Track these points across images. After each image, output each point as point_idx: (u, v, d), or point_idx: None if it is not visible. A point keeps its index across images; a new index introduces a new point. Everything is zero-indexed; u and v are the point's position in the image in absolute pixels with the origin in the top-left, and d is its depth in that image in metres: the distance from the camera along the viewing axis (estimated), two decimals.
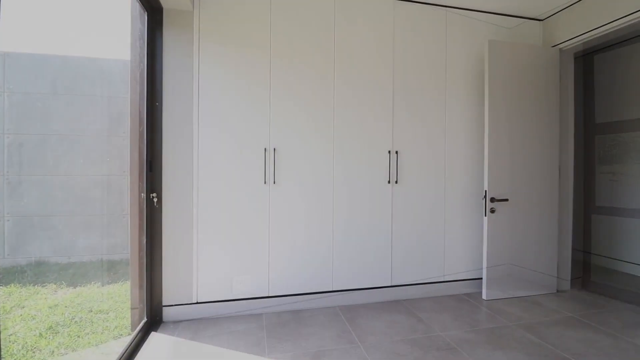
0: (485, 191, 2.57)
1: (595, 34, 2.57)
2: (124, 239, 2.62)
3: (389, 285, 2.62)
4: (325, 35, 2.47)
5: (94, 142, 2.59)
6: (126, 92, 2.36)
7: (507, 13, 2.89)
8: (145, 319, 2.17)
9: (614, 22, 2.43)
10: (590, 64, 3.81)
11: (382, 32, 2.58)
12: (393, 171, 2.59)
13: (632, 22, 2.35)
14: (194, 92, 2.27)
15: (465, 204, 2.78)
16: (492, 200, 2.57)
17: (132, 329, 2.13)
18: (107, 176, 2.61)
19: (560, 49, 2.84)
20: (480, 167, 2.79)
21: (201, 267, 2.29)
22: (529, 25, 2.97)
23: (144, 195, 2.15)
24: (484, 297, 2.61)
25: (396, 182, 2.60)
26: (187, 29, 2.27)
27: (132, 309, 2.20)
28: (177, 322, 2.24)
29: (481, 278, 2.67)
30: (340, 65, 2.49)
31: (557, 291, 2.80)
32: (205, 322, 2.23)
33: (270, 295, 2.40)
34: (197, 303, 2.29)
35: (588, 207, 3.79)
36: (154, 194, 2.19)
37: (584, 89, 3.86)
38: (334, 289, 2.51)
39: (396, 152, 2.60)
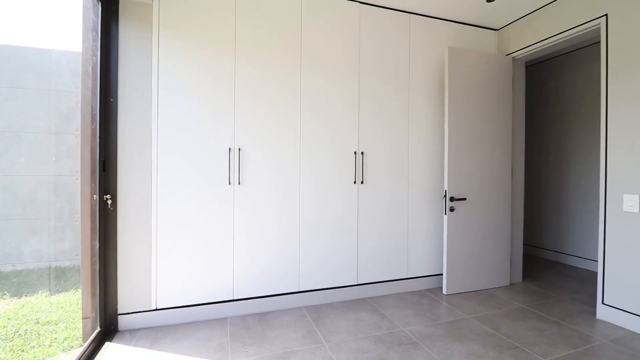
0: (445, 191, 2.69)
1: (541, 46, 2.78)
2: (75, 244, 2.44)
3: (355, 284, 2.66)
4: (292, 35, 2.46)
5: (41, 139, 2.39)
6: (77, 87, 2.21)
7: (467, 22, 3.04)
8: (98, 329, 2.03)
9: (556, 36, 2.65)
10: (539, 72, 4.12)
11: (348, 35, 2.62)
12: (359, 171, 2.64)
13: (572, 36, 2.57)
14: (153, 89, 2.16)
15: (427, 203, 2.89)
16: (452, 199, 2.69)
17: (84, 340, 1.99)
18: (55, 177, 2.41)
19: (513, 58, 3.04)
20: (440, 167, 2.92)
21: (161, 271, 2.19)
22: (485, 34, 3.14)
23: (96, 197, 2.02)
24: (444, 292, 2.73)
25: (362, 182, 2.64)
26: (145, 21, 2.16)
27: (84, 318, 2.06)
28: (134, 331, 2.12)
29: (442, 274, 2.79)
30: (307, 65, 2.49)
31: (510, 284, 2.99)
32: (165, 330, 2.14)
33: (235, 298, 2.34)
34: (156, 310, 2.19)
35: (537, 204, 4.10)
36: (108, 196, 2.06)
37: (534, 95, 4.17)
38: (301, 290, 2.50)
39: (362, 153, 2.64)
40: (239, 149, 2.32)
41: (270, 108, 2.40)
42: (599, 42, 3.20)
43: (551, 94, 3.95)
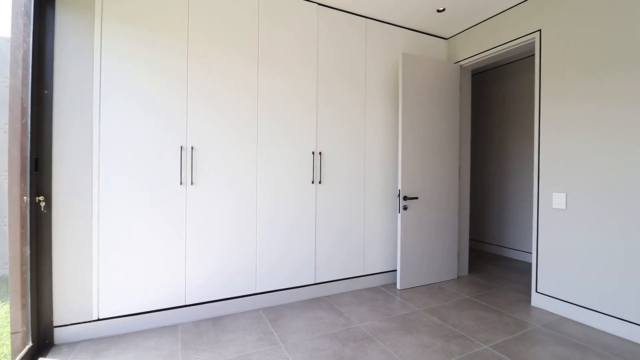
0: (399, 190, 2.81)
1: (485, 55, 3.00)
2: (3, 252, 2.20)
3: (313, 283, 2.68)
4: (249, 35, 2.41)
5: None
6: (4, 77, 1.99)
7: (420, 30, 3.20)
8: (30, 344, 1.84)
9: (498, 47, 2.88)
10: (485, 79, 4.44)
11: (307, 36, 2.63)
12: (317, 172, 2.66)
13: (512, 48, 2.80)
14: (94, 81, 2.01)
15: (383, 202, 2.99)
16: (405, 198, 2.81)
17: (13, 358, 1.79)
18: None
19: (461, 65, 3.25)
20: (395, 168, 3.04)
21: (104, 278, 2.04)
22: (437, 42, 3.33)
23: (27, 198, 1.83)
24: (398, 287, 2.84)
25: (320, 182, 2.67)
26: (87, 8, 2.00)
27: (12, 333, 1.85)
28: (73, 344, 1.95)
29: (396, 270, 2.91)
30: (265, 65, 2.46)
31: (458, 277, 3.20)
32: (109, 341, 1.99)
33: (187, 304, 2.25)
34: (98, 320, 2.03)
35: (482, 202, 4.42)
36: (41, 198, 1.88)
37: (479, 101, 4.49)
38: (258, 291, 2.47)
39: (320, 153, 2.67)
40: (192, 147, 2.23)
41: (226, 107, 2.34)
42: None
43: (494, 100, 4.28)
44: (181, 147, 2.20)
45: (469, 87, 3.35)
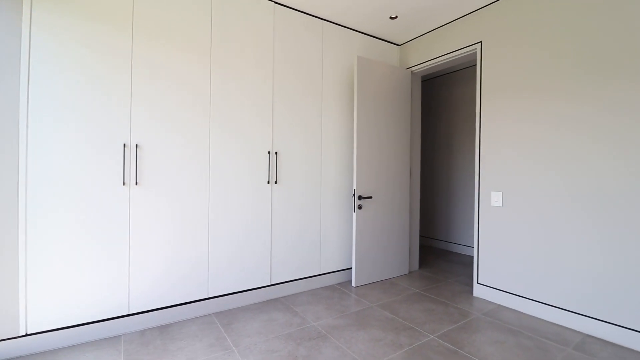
0: (354, 190, 2.88)
1: (433, 63, 3.18)
2: None
3: (269, 284, 2.64)
4: (200, 27, 2.32)
5: None
6: None
7: (375, 35, 3.30)
8: None
9: (444, 55, 3.07)
10: (434, 85, 4.71)
11: (263, 34, 2.59)
12: (273, 171, 2.63)
13: (457, 57, 3.00)
14: (21, 70, 1.79)
15: (338, 201, 3.04)
16: (360, 198, 2.89)
17: None
18: None
19: (412, 71, 3.42)
20: (350, 168, 3.11)
21: (33, 289, 1.83)
22: (390, 47, 3.46)
23: None
24: (353, 284, 2.91)
25: (276, 182, 2.64)
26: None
27: None
28: None
29: (351, 268, 2.97)
30: (218, 62, 2.38)
31: (409, 272, 3.36)
32: (40, 357, 1.79)
33: (131, 312, 2.10)
34: (26, 335, 1.82)
35: (431, 201, 4.68)
36: None
37: (429, 105, 4.75)
38: (210, 296, 2.38)
39: (276, 153, 2.65)
40: (137, 145, 2.09)
41: (175, 103, 2.23)
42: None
43: (443, 106, 4.56)
44: (124, 145, 2.05)
45: (419, 92, 3.54)
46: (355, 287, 2.91)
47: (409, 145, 3.34)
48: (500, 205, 2.59)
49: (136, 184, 2.09)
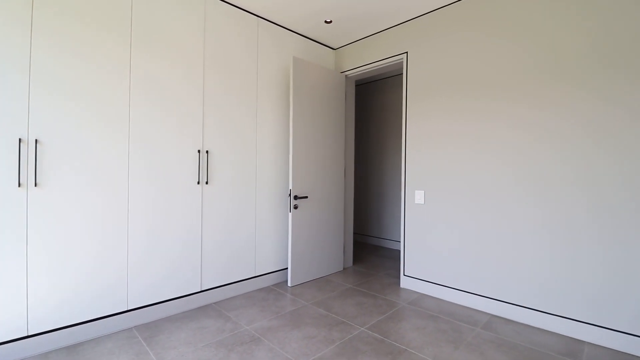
0: (290, 190, 2.88)
1: (366, 68, 3.35)
2: None
3: (199, 290, 2.51)
4: (121, 13, 2.09)
5: None
6: None
7: (311, 37, 3.35)
8: None
9: (375, 62, 3.25)
10: (369, 90, 4.96)
11: (193, 25, 2.44)
12: (203, 171, 2.50)
13: (387, 64, 3.20)
14: None
15: (274, 202, 3.02)
16: (296, 197, 2.91)
17: None
18: None
19: (346, 75, 3.55)
20: (286, 168, 3.11)
21: None
22: (326, 51, 3.55)
23: None
24: (289, 284, 2.92)
25: (207, 182, 2.52)
26: None
27: None
28: None
29: (287, 268, 2.97)
30: (138, 46, 2.18)
31: (344, 269, 3.49)
32: None
33: (31, 334, 1.81)
34: None
35: (365, 199, 4.92)
36: None
37: (364, 109, 4.99)
38: (131, 308, 2.17)
39: (207, 152, 2.52)
40: (36, 140, 1.81)
41: (87, 92, 1.97)
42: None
43: (376, 110, 4.82)
44: (19, 139, 1.76)
45: (353, 95, 3.69)
46: (291, 286, 2.92)
47: (344, 146, 3.46)
48: (423, 202, 2.84)
49: (36, 185, 1.80)
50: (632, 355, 1.88)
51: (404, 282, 2.97)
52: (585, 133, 2.04)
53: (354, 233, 5.03)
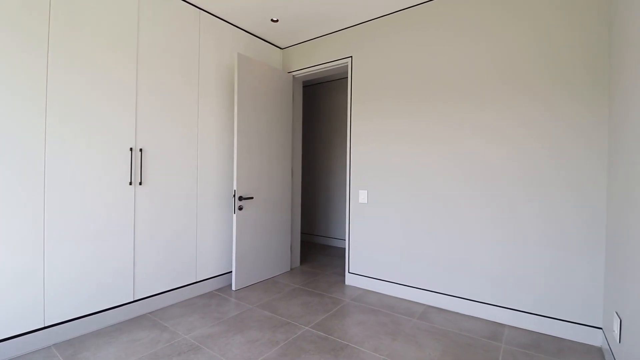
0: (235, 190, 2.80)
1: (313, 70, 3.38)
2: None
3: (132, 300, 2.31)
4: None
5: None
6: None
7: (257, 35, 3.28)
8: None
9: (322, 64, 3.30)
10: (318, 91, 5.01)
11: (124, 10, 2.24)
12: (137, 171, 2.32)
13: (333, 67, 3.26)
14: None
15: (218, 203, 2.91)
16: (241, 198, 2.83)
17: None
18: None
19: (294, 76, 3.55)
20: (231, 168, 3.01)
21: None
22: (273, 50, 3.50)
23: None
24: (233, 287, 2.83)
25: (140, 183, 2.33)
26: None
27: None
28: None
29: (232, 271, 2.88)
30: (58, 33, 1.94)
31: (291, 269, 3.48)
32: None
33: None
34: None
35: (313, 199, 4.97)
36: None
37: (313, 110, 5.04)
38: (48, 324, 1.92)
39: (140, 150, 2.33)
40: None
41: None
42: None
43: (325, 111, 4.90)
44: None
45: (300, 95, 3.70)
46: (236, 290, 2.84)
47: (291, 146, 3.46)
48: (366, 202, 2.95)
49: None
50: (544, 334, 2.15)
51: (349, 280, 3.06)
52: (530, 135, 2.28)
53: (302, 233, 5.05)
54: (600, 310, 1.99)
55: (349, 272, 3.07)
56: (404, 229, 2.73)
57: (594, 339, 2.00)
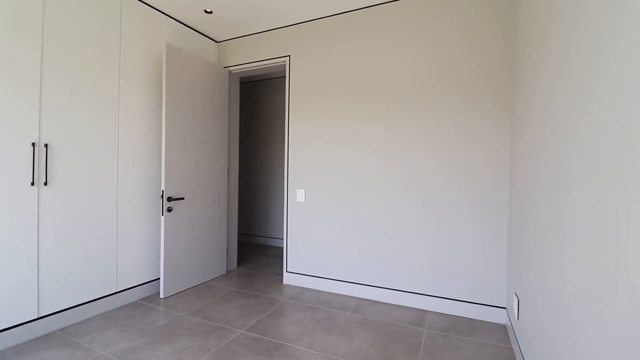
0: (163, 191, 2.61)
1: (251, 66, 3.30)
2: None
3: (36, 317, 2.02)
4: None
5: None
6: None
7: (190, 26, 3.09)
8: None
9: (260, 61, 3.24)
10: (257, 88, 4.91)
11: None
12: (41, 169, 2.02)
13: (272, 65, 3.22)
14: None
15: (144, 204, 2.68)
16: (169, 199, 2.64)
17: None
18: None
19: (230, 71, 3.42)
20: (158, 167, 2.80)
21: None
22: (208, 42, 3.34)
23: None
24: (161, 295, 2.63)
25: (45, 183, 2.04)
26: None
27: None
28: None
29: (160, 278, 2.68)
30: None
31: (227, 272, 3.36)
32: None
33: None
34: None
35: (252, 199, 4.87)
36: None
37: (252, 107, 4.92)
38: None
39: (46, 145, 2.04)
40: None
41: None
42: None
43: (265, 109, 4.82)
44: None
45: (237, 92, 3.59)
46: (164, 298, 2.65)
47: (227, 144, 3.34)
48: (304, 200, 2.98)
49: None
50: (461, 316, 2.40)
51: (287, 279, 3.06)
52: (461, 137, 2.49)
53: (241, 234, 4.91)
54: (505, 293, 2.30)
55: (286, 272, 3.07)
56: (341, 226, 2.83)
57: (500, 317, 2.30)
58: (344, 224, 2.81)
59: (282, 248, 4.48)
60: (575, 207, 0.99)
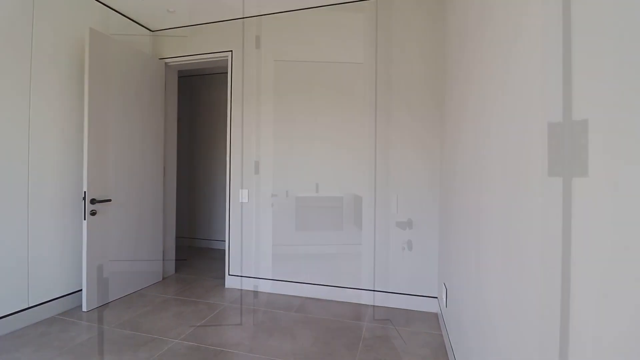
0: (85, 192, 2.34)
1: (190, 60, 3.11)
2: None
3: None
4: None
5: None
6: None
7: (121, 12, 2.82)
8: None
9: (200, 55, 3.08)
10: (199, 83, 4.65)
11: None
12: None
13: (213, 59, 3.07)
14: None
15: (65, 207, 2.39)
16: (93, 201, 2.39)
17: None
18: None
19: (166, 63, 3.20)
20: (80, 166, 2.51)
21: None
22: (141, 31, 3.07)
23: None
24: (84, 308, 2.37)
25: None
26: None
27: None
28: None
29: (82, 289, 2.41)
30: None
31: (164, 278, 3.14)
32: None
33: None
34: None
35: (193, 200, 4.63)
36: None
37: (193, 103, 4.66)
38: None
39: None
40: None
41: None
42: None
43: (207, 105, 4.59)
44: None
45: (175, 86, 3.37)
46: (88, 311, 2.38)
47: (164, 141, 3.12)
48: (247, 201, 2.91)
49: None
50: (398, 308, 2.54)
51: (229, 282, 2.96)
52: (402, 138, 2.59)
53: (182, 237, 4.62)
54: (436, 283, 2.48)
55: (229, 275, 2.97)
56: (285, 226, 2.81)
57: (433, 307, 2.47)
58: (289, 223, 2.80)
59: (225, 250, 4.32)
60: (487, 203, 1.11)
